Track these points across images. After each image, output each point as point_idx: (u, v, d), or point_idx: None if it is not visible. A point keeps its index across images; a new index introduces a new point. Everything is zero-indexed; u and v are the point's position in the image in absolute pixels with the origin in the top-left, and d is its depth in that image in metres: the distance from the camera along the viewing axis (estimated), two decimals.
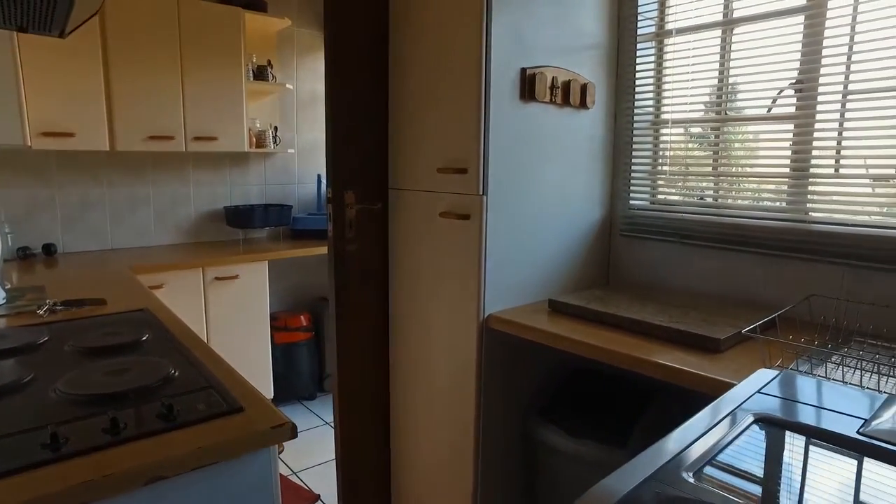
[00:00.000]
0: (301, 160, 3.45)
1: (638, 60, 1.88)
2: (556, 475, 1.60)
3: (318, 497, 2.28)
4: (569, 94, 1.69)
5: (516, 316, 1.56)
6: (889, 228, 1.43)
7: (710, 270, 1.72)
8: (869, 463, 0.68)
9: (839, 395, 0.86)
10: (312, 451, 2.68)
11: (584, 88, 1.73)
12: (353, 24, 1.72)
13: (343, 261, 1.80)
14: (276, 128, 3.23)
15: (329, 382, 3.28)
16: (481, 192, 1.53)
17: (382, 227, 1.86)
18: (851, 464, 0.69)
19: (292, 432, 0.89)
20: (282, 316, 3.11)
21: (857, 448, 0.70)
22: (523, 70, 1.57)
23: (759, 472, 0.70)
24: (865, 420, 0.75)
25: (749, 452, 0.72)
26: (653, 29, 1.87)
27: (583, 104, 1.74)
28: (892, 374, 1.09)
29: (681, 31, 1.81)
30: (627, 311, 1.47)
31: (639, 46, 1.88)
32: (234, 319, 2.74)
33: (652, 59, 1.88)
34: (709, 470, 0.67)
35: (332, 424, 1.88)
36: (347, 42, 1.71)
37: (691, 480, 0.64)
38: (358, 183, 1.79)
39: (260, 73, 3.04)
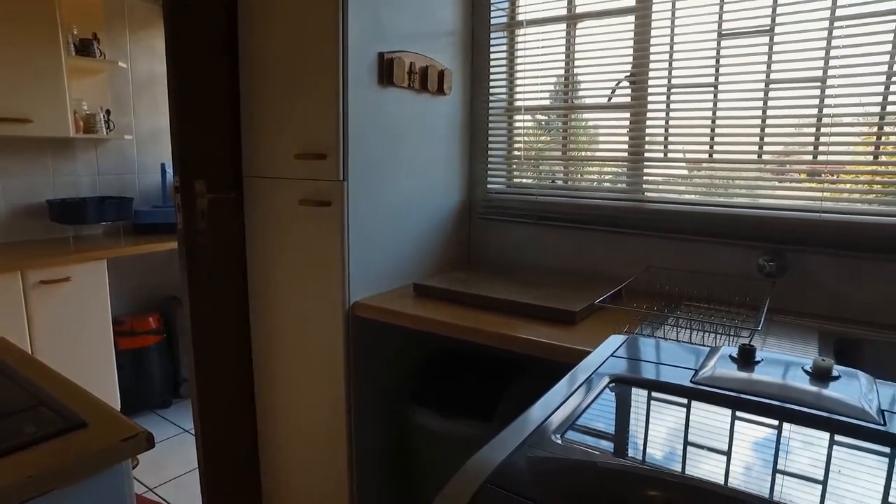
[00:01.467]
0: (141, 148, 3.13)
1: (491, 49, 1.95)
2: (430, 456, 1.63)
3: None
4: (427, 80, 1.70)
5: (382, 302, 1.56)
6: (707, 206, 1.64)
7: (564, 248, 1.85)
8: (701, 405, 0.78)
9: (674, 352, 0.97)
10: (171, 462, 2.47)
11: (441, 74, 1.76)
12: None
13: (196, 255, 1.66)
14: (108, 111, 2.89)
15: (186, 387, 3.04)
16: (342, 178, 1.50)
17: (238, 217, 1.75)
18: (698, 408, 0.79)
19: (148, 442, 0.81)
20: (127, 319, 2.82)
21: (691, 395, 0.80)
22: (381, 54, 1.55)
23: (619, 426, 0.77)
24: (695, 370, 0.86)
25: (608, 410, 0.79)
26: (505, 19, 1.95)
27: (440, 90, 1.77)
28: (711, 330, 1.27)
29: (530, 23, 1.90)
30: (489, 291, 1.54)
31: (492, 35, 1.95)
32: (67, 327, 2.43)
33: (504, 48, 1.96)
34: (575, 429, 0.72)
35: (192, 431, 1.74)
36: (190, 16, 1.57)
37: (559, 441, 0.68)
38: (209, 171, 1.67)
39: (84, 48, 2.70)
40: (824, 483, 0.62)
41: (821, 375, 0.82)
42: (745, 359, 0.87)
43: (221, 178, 1.70)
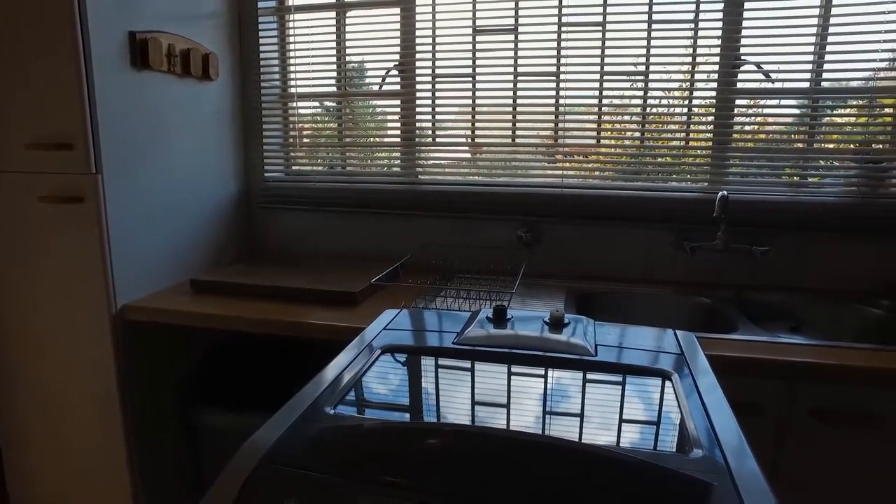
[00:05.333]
0: None
1: (261, 34, 1.90)
2: (225, 456, 1.57)
3: None
4: (190, 64, 1.60)
5: (156, 302, 1.45)
6: (474, 185, 1.82)
7: (345, 233, 1.90)
8: (461, 362, 0.89)
9: (445, 320, 1.07)
10: None
11: (206, 58, 1.67)
12: None
13: None
14: None
15: None
16: (95, 171, 1.34)
17: None
18: (458, 365, 0.89)
19: None
20: None
21: (452, 354, 0.90)
22: (132, 34, 1.41)
23: (389, 391, 0.83)
24: (458, 333, 0.96)
25: (379, 378, 0.85)
26: (273, 3, 1.91)
27: (206, 75, 1.68)
28: (477, 297, 1.42)
29: (299, 9, 1.89)
30: (270, 280, 1.52)
31: (261, 20, 1.89)
32: None
33: (275, 33, 1.92)
34: (348, 399, 0.76)
35: None
36: None
37: (332, 412, 0.72)
38: None
39: None
40: (584, 409, 0.76)
41: (555, 324, 0.98)
42: (499, 318, 1.00)
43: None
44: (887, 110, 1.60)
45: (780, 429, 1.16)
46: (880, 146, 1.61)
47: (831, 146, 1.69)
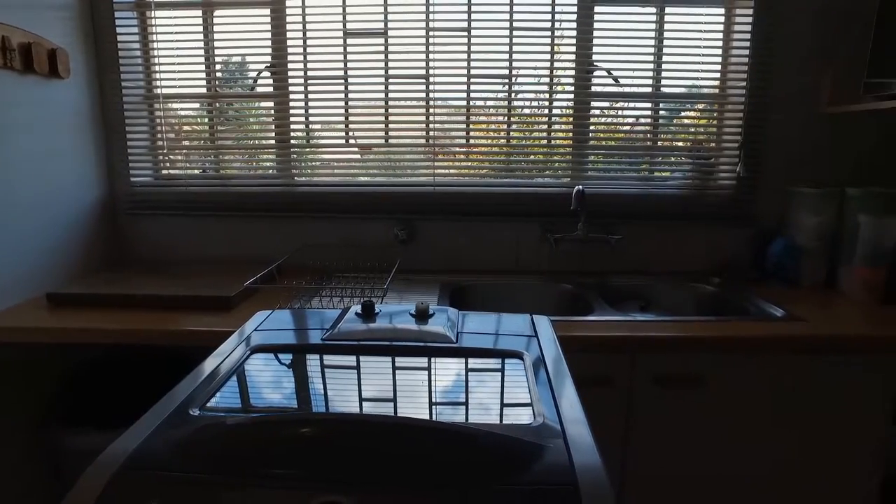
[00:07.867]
0: None
1: (120, 31, 1.80)
2: None
3: None
4: (32, 59, 1.48)
5: (5, 320, 1.34)
6: (350, 186, 1.85)
7: (220, 237, 1.85)
8: (329, 357, 0.92)
9: (316, 318, 1.10)
10: None
11: (53, 54, 1.55)
12: None
13: None
14: None
15: None
16: None
17: None
18: (326, 360, 0.92)
19: None
20: None
21: (320, 350, 0.93)
22: None
23: (257, 390, 0.85)
24: (327, 329, 1.00)
25: (247, 378, 0.86)
26: None
27: (55, 73, 1.56)
28: (351, 295, 1.45)
29: (160, 6, 1.81)
30: (139, 289, 1.46)
31: (118, 16, 1.79)
32: None
33: (136, 30, 1.83)
34: (214, 401, 0.77)
35: None
36: None
37: (197, 414, 0.73)
38: None
39: None
40: (440, 391, 0.82)
41: (421, 315, 1.04)
42: (367, 313, 1.05)
43: None
44: (714, 114, 1.83)
45: (629, 397, 1.31)
46: (712, 144, 1.84)
47: (680, 144, 1.90)
